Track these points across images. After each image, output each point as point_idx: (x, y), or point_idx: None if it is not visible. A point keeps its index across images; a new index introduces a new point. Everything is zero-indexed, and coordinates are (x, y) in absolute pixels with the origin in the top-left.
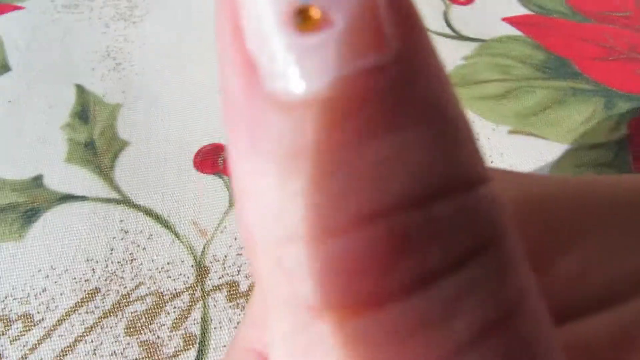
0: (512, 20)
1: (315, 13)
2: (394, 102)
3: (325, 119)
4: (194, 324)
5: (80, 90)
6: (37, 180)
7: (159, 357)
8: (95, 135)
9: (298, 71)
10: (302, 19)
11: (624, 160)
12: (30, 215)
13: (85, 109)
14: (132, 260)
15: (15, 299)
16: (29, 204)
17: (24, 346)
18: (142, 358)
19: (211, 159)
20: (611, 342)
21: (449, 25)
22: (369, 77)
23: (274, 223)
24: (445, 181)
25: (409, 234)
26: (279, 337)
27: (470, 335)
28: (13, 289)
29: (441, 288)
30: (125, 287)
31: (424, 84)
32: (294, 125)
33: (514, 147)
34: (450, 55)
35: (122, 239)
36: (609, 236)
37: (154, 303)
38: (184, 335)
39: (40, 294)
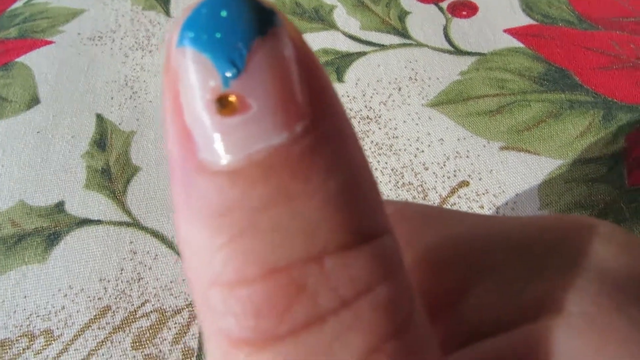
0: (513, 32)
1: (233, 99)
2: (295, 173)
3: (239, 186)
4: (193, 338)
5: (100, 119)
6: (60, 206)
7: None
8: (111, 162)
9: (221, 146)
10: (225, 103)
11: (618, 174)
12: (52, 239)
13: (103, 137)
14: (139, 279)
15: (38, 316)
16: (52, 228)
17: (45, 359)
18: None
19: None
20: None
21: (448, 39)
22: (276, 152)
23: (203, 269)
24: (341, 237)
25: (303, 284)
26: None
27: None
28: (37, 307)
29: (329, 326)
30: (133, 305)
31: (328, 154)
32: (218, 189)
33: (504, 163)
34: (448, 71)
35: (131, 260)
36: (512, 270)
37: (158, 319)
38: (183, 349)
39: (59, 312)
